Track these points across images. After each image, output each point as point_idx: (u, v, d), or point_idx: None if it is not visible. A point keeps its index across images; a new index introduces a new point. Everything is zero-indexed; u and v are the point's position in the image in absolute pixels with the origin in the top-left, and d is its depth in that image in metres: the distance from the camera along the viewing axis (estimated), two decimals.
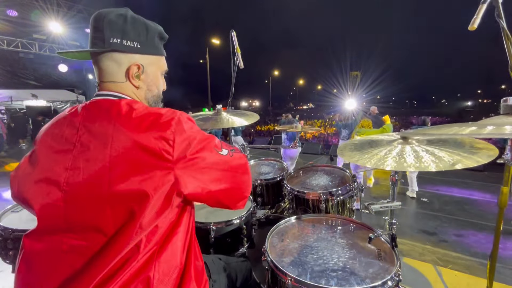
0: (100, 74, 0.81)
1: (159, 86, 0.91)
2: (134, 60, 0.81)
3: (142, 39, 0.81)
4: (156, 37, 0.86)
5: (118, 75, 0.81)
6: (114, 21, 0.78)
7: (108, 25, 0.77)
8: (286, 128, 3.68)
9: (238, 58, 2.21)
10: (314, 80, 73.56)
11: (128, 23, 0.79)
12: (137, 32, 0.80)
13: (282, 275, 1.04)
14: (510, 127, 0.81)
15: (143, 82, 0.85)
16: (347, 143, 1.46)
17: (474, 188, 5.62)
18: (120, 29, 0.78)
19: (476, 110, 26.75)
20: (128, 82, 0.82)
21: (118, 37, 0.78)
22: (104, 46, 0.77)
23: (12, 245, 1.42)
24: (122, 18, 0.79)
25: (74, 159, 0.70)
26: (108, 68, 0.80)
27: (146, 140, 0.68)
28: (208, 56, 21.31)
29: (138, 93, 0.85)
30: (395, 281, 1.00)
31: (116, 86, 0.81)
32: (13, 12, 9.63)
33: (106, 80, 0.81)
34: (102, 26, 0.77)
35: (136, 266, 0.68)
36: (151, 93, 0.88)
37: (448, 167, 0.99)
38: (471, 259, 3.03)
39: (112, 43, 0.77)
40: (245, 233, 1.55)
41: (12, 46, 10.54)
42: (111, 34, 0.77)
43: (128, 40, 0.79)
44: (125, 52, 0.79)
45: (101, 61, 0.80)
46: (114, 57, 0.79)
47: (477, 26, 1.03)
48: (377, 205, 1.26)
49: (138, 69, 0.82)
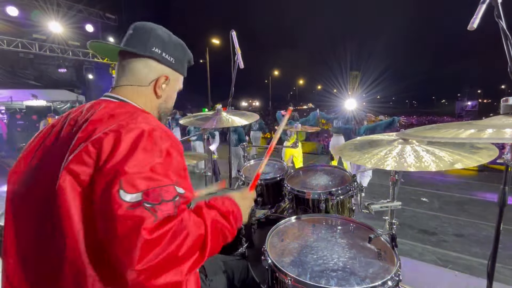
0: (123, 75, 0.85)
1: (173, 101, 0.97)
2: (165, 72, 0.88)
3: (179, 57, 0.91)
4: (187, 60, 0.96)
5: (142, 79, 0.85)
6: (161, 35, 0.87)
7: (155, 36, 0.85)
8: (287, 129, 3.67)
9: (239, 58, 2.21)
10: (314, 80, 73.50)
11: (171, 40, 0.89)
12: (176, 50, 0.90)
13: (282, 275, 1.04)
14: (511, 130, 0.80)
15: (165, 93, 0.91)
16: (347, 143, 1.46)
17: (474, 188, 5.62)
18: (163, 41, 0.87)
19: (476, 110, 26.71)
20: (151, 88, 0.87)
21: (159, 48, 0.86)
22: (145, 51, 0.83)
23: None
24: (167, 35, 0.89)
25: (66, 161, 0.69)
26: (138, 71, 0.85)
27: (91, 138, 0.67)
28: (208, 56, 21.31)
29: (155, 102, 0.89)
30: (395, 281, 1.00)
31: (133, 89, 0.84)
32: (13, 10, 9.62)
33: (127, 83, 0.85)
34: (148, 35, 0.85)
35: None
36: (165, 105, 0.94)
37: (448, 167, 0.99)
38: (471, 259, 3.03)
39: (153, 51, 0.84)
40: (243, 233, 1.55)
41: (12, 46, 10.54)
42: (154, 43, 0.85)
43: (168, 54, 0.87)
44: (161, 63, 0.87)
45: (131, 63, 0.85)
46: (150, 63, 0.85)
47: (477, 26, 1.03)
48: (377, 205, 1.26)
49: (165, 80, 0.88)
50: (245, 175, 2.29)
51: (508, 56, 1.00)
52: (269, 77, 41.72)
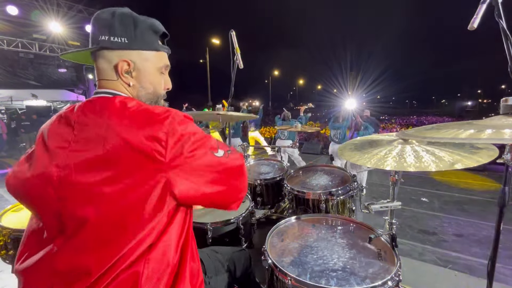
0: (97, 72, 0.82)
1: (155, 84, 0.86)
2: (122, 57, 0.79)
3: (130, 34, 0.78)
4: (148, 31, 0.81)
5: (109, 73, 0.80)
6: (103, 18, 0.78)
7: (97, 23, 0.78)
8: (286, 128, 3.67)
9: (238, 58, 2.21)
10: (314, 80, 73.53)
11: (116, 19, 0.77)
12: (123, 28, 0.78)
13: (282, 275, 1.04)
14: (510, 131, 0.80)
15: (135, 79, 0.82)
16: (347, 143, 1.46)
17: (474, 188, 5.62)
18: (107, 25, 0.77)
19: (476, 110, 26.69)
20: (120, 79, 0.80)
21: (105, 34, 0.77)
22: (94, 44, 0.78)
23: (12, 245, 1.43)
24: (110, 15, 0.78)
25: (67, 157, 0.70)
26: (101, 66, 0.80)
27: (137, 140, 0.67)
28: (208, 56, 21.31)
29: (131, 91, 0.83)
30: (395, 281, 1.00)
31: (110, 84, 0.81)
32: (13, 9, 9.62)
33: (102, 78, 0.81)
34: (95, 25, 0.78)
35: (125, 263, 0.68)
36: (145, 91, 0.84)
37: (448, 167, 0.99)
38: (471, 259, 3.03)
39: (100, 41, 0.77)
40: (243, 233, 1.55)
41: (12, 46, 10.53)
42: (99, 32, 0.77)
43: (115, 36, 0.77)
44: (113, 49, 0.78)
45: (96, 60, 0.81)
46: (104, 54, 0.79)
47: (477, 26, 1.03)
48: (377, 205, 1.26)
49: (128, 66, 0.79)
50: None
51: (508, 56, 1.00)
52: (269, 77, 41.75)
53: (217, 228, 1.48)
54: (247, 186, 0.90)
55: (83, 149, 0.69)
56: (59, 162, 0.70)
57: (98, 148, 0.67)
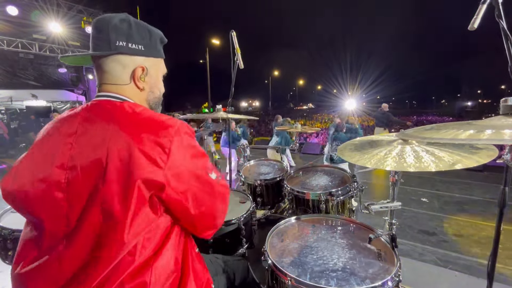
0: (103, 76, 0.83)
1: (160, 88, 0.93)
2: (139, 62, 0.83)
3: (146, 42, 0.84)
4: (158, 41, 0.89)
5: (123, 77, 0.82)
6: (119, 26, 0.81)
7: (114, 30, 0.80)
8: (286, 129, 3.68)
9: (238, 58, 2.21)
10: (314, 80, 73.60)
11: (133, 27, 0.82)
12: (141, 36, 0.83)
13: (282, 276, 1.04)
14: (510, 131, 0.80)
15: (147, 84, 0.87)
16: (347, 143, 1.46)
17: (474, 188, 5.62)
18: (125, 33, 0.81)
19: (476, 110, 26.69)
20: (133, 84, 0.84)
21: (123, 41, 0.80)
22: (110, 49, 0.79)
23: (12, 245, 1.42)
24: (126, 23, 0.82)
25: (71, 159, 0.70)
26: (113, 70, 0.82)
27: (142, 144, 0.68)
28: (208, 56, 21.31)
29: (141, 95, 0.86)
30: (395, 281, 1.00)
31: (118, 88, 0.82)
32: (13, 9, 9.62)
33: (109, 82, 0.82)
34: (107, 31, 0.79)
35: (131, 270, 0.68)
36: (153, 95, 0.90)
37: (448, 167, 0.98)
38: (471, 259, 3.03)
39: (118, 46, 0.80)
40: (244, 233, 1.55)
41: (12, 46, 10.52)
42: (116, 37, 0.80)
43: (134, 43, 0.82)
44: (131, 55, 0.82)
45: (104, 64, 0.81)
46: (120, 59, 0.81)
47: (477, 26, 1.03)
48: (377, 205, 1.25)
49: (142, 71, 0.84)
50: (245, 175, 2.29)
51: (508, 56, 1.00)
52: (269, 77, 41.80)
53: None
54: (223, 222, 0.90)
55: (89, 151, 0.70)
56: (63, 163, 0.70)
57: (103, 151, 0.68)
